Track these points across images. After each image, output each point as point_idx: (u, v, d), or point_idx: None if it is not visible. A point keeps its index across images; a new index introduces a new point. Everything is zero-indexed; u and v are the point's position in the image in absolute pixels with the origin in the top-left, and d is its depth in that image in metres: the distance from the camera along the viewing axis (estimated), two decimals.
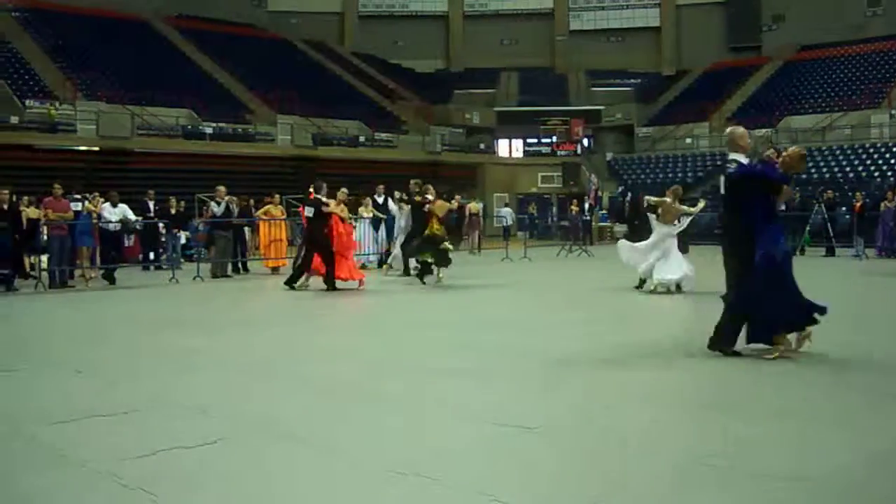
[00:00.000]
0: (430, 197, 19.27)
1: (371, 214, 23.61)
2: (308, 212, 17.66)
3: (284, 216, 24.07)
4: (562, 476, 5.30)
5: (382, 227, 23.74)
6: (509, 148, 54.10)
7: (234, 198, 23.05)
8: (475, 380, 8.32)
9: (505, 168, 49.89)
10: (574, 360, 9.22)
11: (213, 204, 22.60)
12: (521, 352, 9.88)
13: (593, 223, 37.37)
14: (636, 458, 5.64)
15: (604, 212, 41.85)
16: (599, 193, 39.17)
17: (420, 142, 46.79)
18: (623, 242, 17.39)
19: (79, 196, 21.13)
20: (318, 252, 17.31)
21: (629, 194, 41.62)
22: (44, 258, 20.14)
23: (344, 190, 18.94)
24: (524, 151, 53.12)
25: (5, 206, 19.05)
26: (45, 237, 20.35)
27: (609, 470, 5.40)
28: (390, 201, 24.01)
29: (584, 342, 10.49)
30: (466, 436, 6.22)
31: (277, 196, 24.17)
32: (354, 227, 20.16)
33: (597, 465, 5.52)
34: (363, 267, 23.52)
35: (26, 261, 20.74)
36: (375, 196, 24.15)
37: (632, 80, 59.15)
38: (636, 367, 8.81)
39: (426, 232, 18.50)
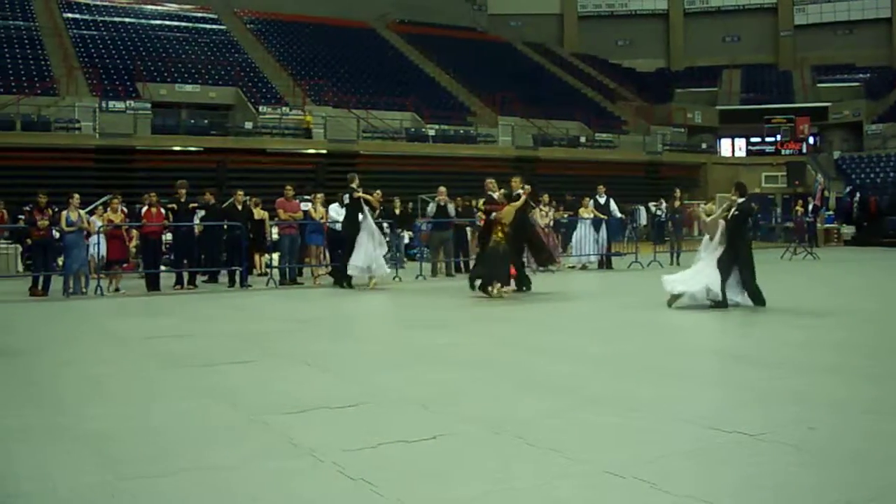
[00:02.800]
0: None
1: (592, 215, 23.43)
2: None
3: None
4: (786, 487, 5.02)
5: (604, 228, 23.48)
6: (732, 147, 52.50)
7: (455, 199, 23.27)
8: (691, 382, 8.13)
9: (727, 168, 48.42)
10: (792, 364, 8.88)
11: (430, 204, 22.98)
12: (735, 356, 9.60)
13: (819, 225, 35.73)
14: (873, 469, 5.32)
15: (830, 213, 39.97)
16: (826, 194, 37.46)
17: (641, 142, 46.04)
18: None
19: (308, 197, 21.90)
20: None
21: (857, 194, 39.81)
22: (275, 256, 21.03)
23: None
24: (747, 151, 51.35)
25: (239, 207, 20.00)
26: (276, 236, 21.27)
27: (842, 482, 5.11)
28: (612, 202, 23.78)
29: (804, 349, 10.04)
30: (684, 440, 6.03)
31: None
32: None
33: (828, 476, 5.22)
34: (583, 268, 23.43)
35: (257, 259, 21.69)
36: (597, 196, 23.95)
37: (860, 75, 56.06)
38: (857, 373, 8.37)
39: (490, 244, 16.01)
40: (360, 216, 18.03)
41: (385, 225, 24.45)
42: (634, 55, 60.78)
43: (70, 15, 44.31)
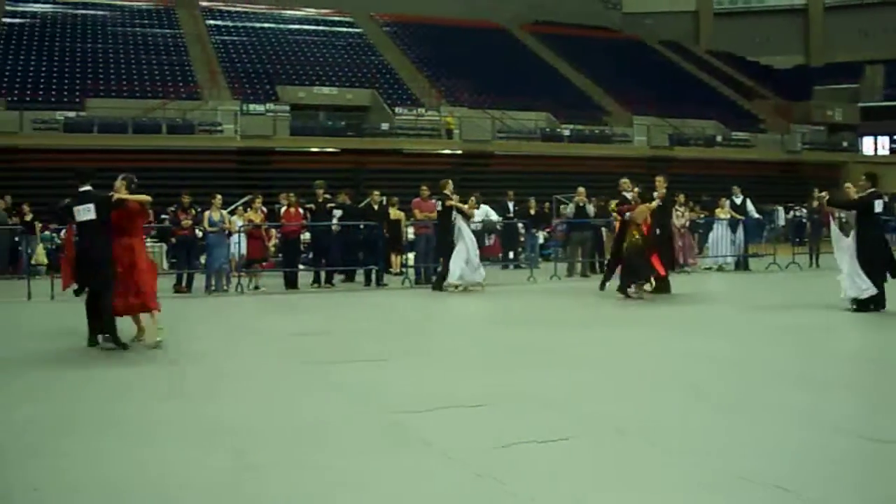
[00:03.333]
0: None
1: (728, 216, 22.92)
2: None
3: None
4: None
5: (740, 229, 22.92)
6: (875, 145, 50.60)
7: (594, 199, 23.05)
8: (830, 389, 7.88)
9: (870, 167, 46.49)
10: None
11: (569, 205, 22.83)
12: (872, 359, 9.26)
13: None
14: None
15: None
16: None
17: (779, 141, 44.77)
18: None
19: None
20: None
21: None
22: (411, 256, 21.20)
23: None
24: (890, 149, 49.47)
25: (376, 207, 20.23)
26: (412, 236, 21.44)
27: None
28: (749, 202, 23.21)
29: None
30: (825, 448, 5.82)
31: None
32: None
33: None
34: (720, 269, 22.93)
35: (394, 259, 21.90)
36: (733, 197, 23.40)
37: None
38: None
39: (625, 245, 15.87)
40: (456, 224, 17.71)
41: (520, 225, 24.49)
42: (771, 52, 59.13)
43: (212, 22, 45.62)
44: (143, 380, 8.63)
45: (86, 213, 10.45)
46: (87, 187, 10.66)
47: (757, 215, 24.11)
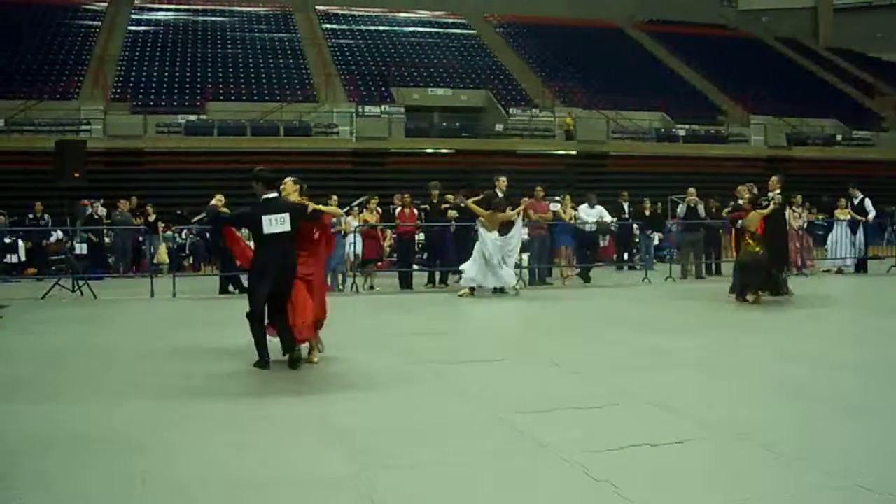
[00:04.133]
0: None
1: (848, 217, 22.28)
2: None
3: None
4: None
5: (861, 231, 22.26)
6: None
7: (707, 200, 22.66)
8: None
9: None
10: None
11: (680, 205, 22.51)
12: None
13: None
14: None
15: None
16: None
17: None
18: None
19: (558, 198, 21.90)
20: None
21: None
22: (525, 256, 21.13)
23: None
24: None
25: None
26: (526, 237, 21.36)
27: None
28: (867, 202, 22.52)
29: None
30: None
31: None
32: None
33: None
34: (839, 271, 22.31)
35: None
36: (852, 197, 22.75)
37: None
38: None
39: (740, 253, 15.58)
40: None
41: (635, 226, 24.25)
42: (895, 48, 57.32)
43: (328, 26, 46.33)
44: (261, 378, 8.79)
45: (279, 223, 9.12)
46: (274, 193, 9.41)
47: (873, 214, 23.35)
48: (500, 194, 17.48)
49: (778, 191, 15.78)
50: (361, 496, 5.03)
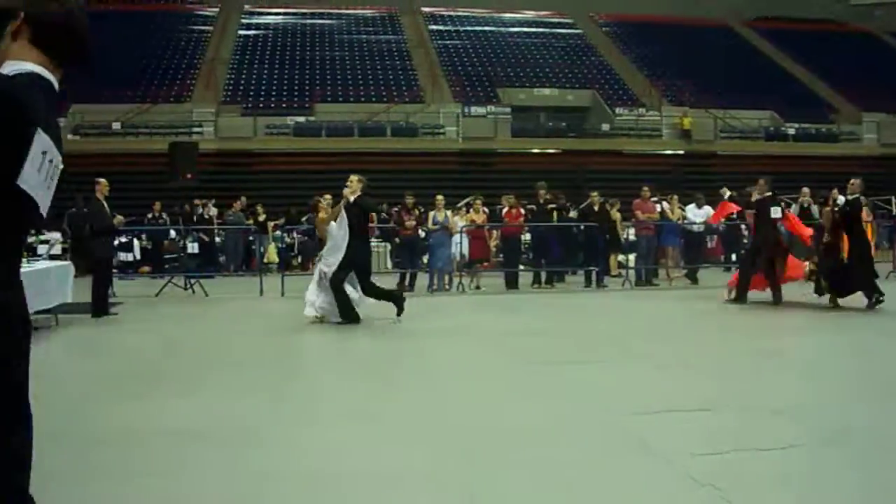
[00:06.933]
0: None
1: None
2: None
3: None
4: None
5: None
6: None
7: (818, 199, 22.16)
8: None
9: None
10: None
11: (792, 205, 22.05)
12: None
13: None
14: None
15: None
16: None
17: None
18: None
19: (665, 197, 21.70)
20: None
21: None
22: (631, 257, 21.00)
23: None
24: None
25: (595, 208, 20.16)
26: (633, 237, 21.23)
27: None
28: None
29: None
30: None
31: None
32: None
33: None
34: None
35: (612, 260, 21.73)
36: None
37: None
38: None
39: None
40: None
41: (742, 227, 23.82)
42: None
43: (434, 27, 46.59)
44: (377, 373, 8.92)
45: None
46: None
47: None
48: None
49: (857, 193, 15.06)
50: (464, 494, 5.09)
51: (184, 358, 10.29)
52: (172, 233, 24.06)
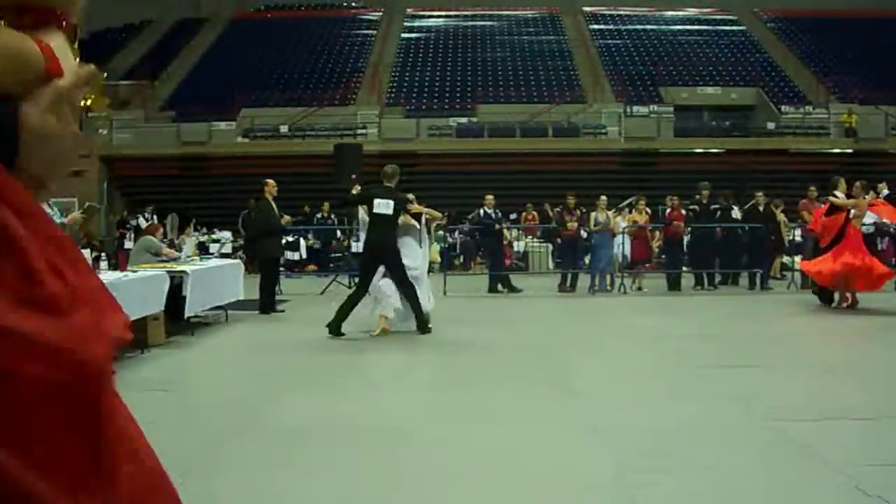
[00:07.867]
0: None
1: None
2: None
3: None
4: None
5: None
6: None
7: None
8: None
9: None
10: None
11: None
12: None
13: None
14: None
15: None
16: None
17: None
18: None
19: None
20: None
21: None
22: (797, 259, 20.57)
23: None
24: None
25: (760, 209, 19.87)
26: (800, 238, 20.79)
27: None
28: None
29: None
30: None
31: None
32: None
33: None
34: None
35: (776, 261, 21.29)
36: None
37: None
38: None
39: None
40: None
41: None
42: None
43: (595, 26, 46.42)
44: (525, 375, 9.13)
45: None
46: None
47: None
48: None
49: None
50: (622, 497, 5.21)
51: (344, 355, 10.68)
52: (339, 233, 24.78)
